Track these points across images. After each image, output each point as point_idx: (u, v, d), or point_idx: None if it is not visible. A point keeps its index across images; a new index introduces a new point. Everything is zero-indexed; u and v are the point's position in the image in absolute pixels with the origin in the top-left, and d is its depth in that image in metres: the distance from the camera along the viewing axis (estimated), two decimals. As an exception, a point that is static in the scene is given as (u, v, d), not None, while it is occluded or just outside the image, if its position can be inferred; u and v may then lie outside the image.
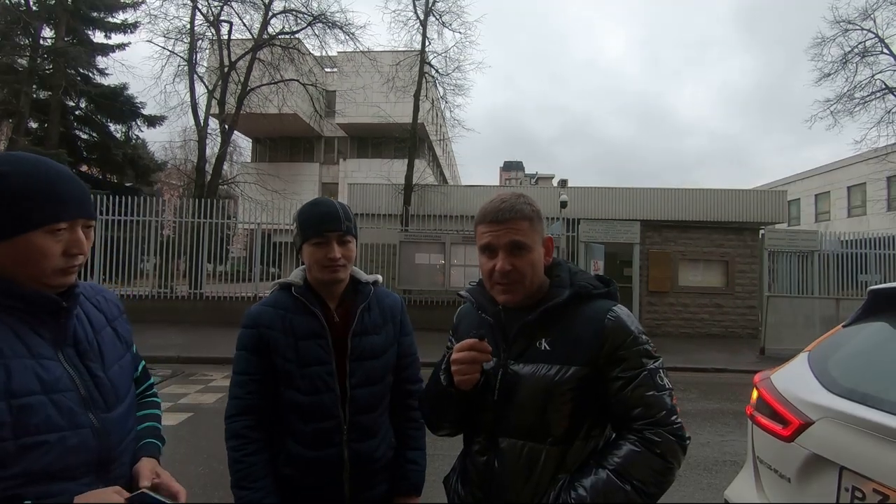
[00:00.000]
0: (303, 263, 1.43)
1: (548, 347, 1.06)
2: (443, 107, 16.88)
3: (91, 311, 1.03)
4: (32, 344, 0.88)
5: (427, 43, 15.02)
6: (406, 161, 14.89)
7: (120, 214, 11.13)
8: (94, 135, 17.58)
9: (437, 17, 15.06)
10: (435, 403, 1.15)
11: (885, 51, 14.43)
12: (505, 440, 1.07)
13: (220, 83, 14.58)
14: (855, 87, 14.74)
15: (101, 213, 10.98)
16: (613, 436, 1.06)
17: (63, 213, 0.88)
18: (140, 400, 1.15)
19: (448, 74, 15.36)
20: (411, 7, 15.08)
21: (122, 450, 0.97)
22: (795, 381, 1.82)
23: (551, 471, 1.02)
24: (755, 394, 1.98)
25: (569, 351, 1.04)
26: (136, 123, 18.34)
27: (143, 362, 1.18)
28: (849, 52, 14.61)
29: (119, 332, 1.07)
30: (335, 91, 22.56)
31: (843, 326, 1.93)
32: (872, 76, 14.64)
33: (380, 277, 1.51)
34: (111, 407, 0.96)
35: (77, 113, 17.22)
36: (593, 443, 1.05)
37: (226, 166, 17.02)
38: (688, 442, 0.99)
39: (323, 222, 1.33)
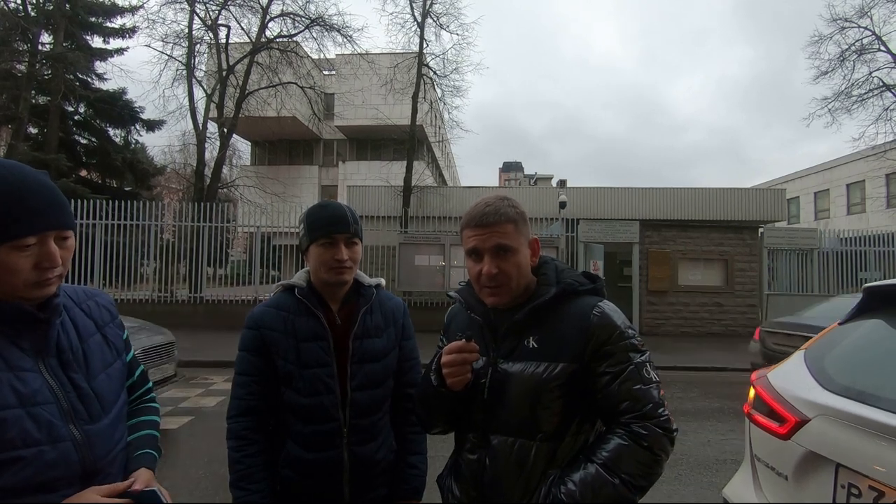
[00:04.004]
0: (305, 265, 1.44)
1: (535, 345, 1.07)
2: (441, 108, 16.91)
3: (79, 318, 1.00)
4: (10, 356, 0.85)
5: (425, 45, 15.08)
6: (405, 163, 14.93)
7: (119, 219, 11.14)
8: (94, 139, 17.61)
9: (435, 19, 15.12)
10: (428, 404, 1.17)
11: (882, 48, 14.47)
12: (496, 437, 1.09)
13: (218, 87, 14.61)
14: (852, 84, 14.78)
15: (101, 218, 11.01)
16: (603, 429, 1.08)
17: (30, 228, 0.83)
18: (137, 405, 1.12)
19: (446, 76, 15.43)
20: (409, 9, 15.16)
21: (110, 461, 0.94)
22: (792, 378, 1.83)
23: (542, 467, 1.04)
24: (752, 392, 1.99)
25: (556, 348, 1.05)
26: (135, 128, 18.38)
27: (142, 367, 1.16)
28: (846, 49, 14.66)
29: (109, 338, 1.04)
30: (334, 94, 22.63)
31: (839, 324, 1.94)
32: (870, 74, 14.69)
33: (382, 281, 1.52)
34: (96, 418, 0.92)
35: (76, 118, 17.24)
36: (583, 438, 1.07)
37: (225, 170, 17.08)
38: (675, 434, 1.01)
39: (331, 224, 1.34)
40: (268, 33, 14.86)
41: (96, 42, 17.30)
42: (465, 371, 1.07)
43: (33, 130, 16.22)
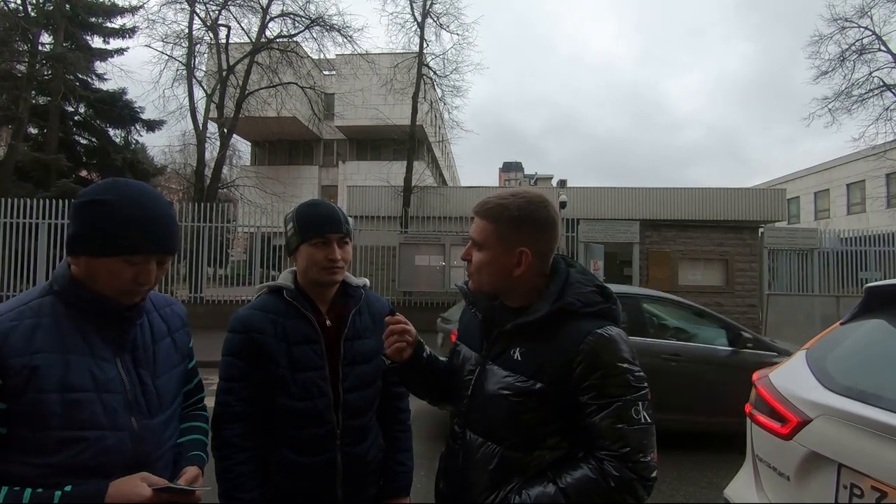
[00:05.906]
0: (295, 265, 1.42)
1: (519, 358, 1.05)
2: (441, 108, 16.90)
3: (156, 321, 1.11)
4: (95, 345, 0.96)
5: (425, 45, 15.05)
6: (405, 163, 14.92)
7: (119, 219, 11.12)
8: (94, 140, 17.57)
9: (435, 19, 15.10)
10: (399, 377, 1.29)
11: (883, 48, 14.44)
12: (469, 434, 1.11)
13: (218, 87, 14.59)
14: (853, 84, 14.75)
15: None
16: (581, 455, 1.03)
17: (143, 248, 0.97)
18: (191, 411, 1.22)
19: (446, 76, 15.39)
20: (409, 9, 15.13)
21: (158, 456, 1.02)
22: (794, 379, 1.82)
23: (507, 473, 1.02)
24: (754, 392, 1.98)
25: (537, 367, 1.02)
26: (136, 128, 18.29)
27: (199, 377, 1.23)
28: (846, 49, 14.63)
29: (178, 343, 1.15)
30: (334, 94, 22.60)
31: (841, 324, 1.93)
32: (870, 73, 14.65)
33: (367, 281, 1.52)
34: (153, 414, 1.02)
35: (76, 118, 17.19)
36: (561, 453, 1.02)
37: (225, 170, 17.07)
38: (651, 483, 0.95)
39: (325, 223, 1.34)
40: (268, 33, 14.85)
41: (96, 42, 17.27)
42: (396, 341, 1.14)
43: (33, 131, 16.20)
